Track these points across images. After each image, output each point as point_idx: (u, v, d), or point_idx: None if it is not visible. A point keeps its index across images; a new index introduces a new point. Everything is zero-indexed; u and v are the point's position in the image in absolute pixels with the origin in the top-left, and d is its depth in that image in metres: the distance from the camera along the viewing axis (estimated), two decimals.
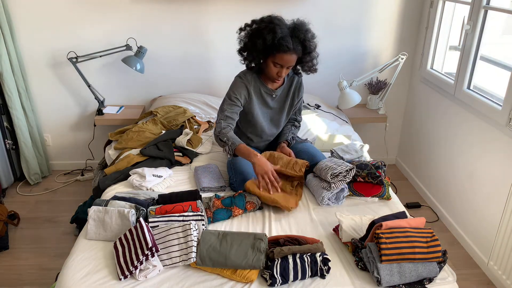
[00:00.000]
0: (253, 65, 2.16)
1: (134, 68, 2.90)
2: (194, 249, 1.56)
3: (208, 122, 2.84)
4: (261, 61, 2.14)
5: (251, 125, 2.29)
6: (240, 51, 2.15)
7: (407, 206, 3.03)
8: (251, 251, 1.56)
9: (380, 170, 2.05)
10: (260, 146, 2.40)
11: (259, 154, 2.02)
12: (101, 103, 3.14)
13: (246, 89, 2.17)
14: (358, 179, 2.08)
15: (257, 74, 2.21)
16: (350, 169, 2.01)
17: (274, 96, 2.25)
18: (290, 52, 2.01)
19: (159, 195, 1.90)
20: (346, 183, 2.03)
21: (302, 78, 2.32)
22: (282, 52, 2.00)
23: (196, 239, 1.59)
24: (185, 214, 1.73)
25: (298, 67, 2.20)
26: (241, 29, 2.12)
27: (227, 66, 3.21)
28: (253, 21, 2.08)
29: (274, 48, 2.01)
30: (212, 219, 1.85)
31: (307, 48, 2.07)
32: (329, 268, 1.55)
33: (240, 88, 2.16)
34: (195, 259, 1.55)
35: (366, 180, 2.07)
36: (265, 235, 1.64)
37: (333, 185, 1.98)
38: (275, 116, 2.32)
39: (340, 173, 1.99)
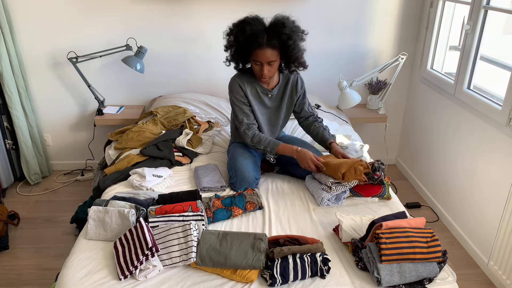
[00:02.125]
0: (240, 66, 2.19)
1: (134, 68, 2.90)
2: (194, 249, 1.56)
3: (208, 122, 2.84)
4: (249, 63, 2.17)
5: None
6: (226, 57, 2.19)
7: (407, 206, 3.03)
8: (251, 251, 1.56)
9: (378, 172, 2.04)
10: None
11: (299, 148, 2.09)
12: (101, 103, 3.14)
13: (241, 88, 2.19)
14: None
15: (252, 74, 2.22)
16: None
17: (270, 95, 2.25)
18: (263, 47, 1.99)
19: (159, 195, 1.90)
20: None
21: (299, 75, 2.29)
22: (256, 48, 2.01)
23: (196, 239, 1.59)
24: (185, 214, 1.73)
25: (289, 63, 2.16)
26: (227, 35, 2.14)
27: (227, 66, 3.20)
28: (232, 24, 2.11)
29: (249, 46, 2.02)
30: (212, 219, 1.85)
31: (284, 42, 2.02)
32: (329, 268, 1.55)
33: (237, 90, 2.19)
34: (195, 259, 1.55)
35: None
36: (265, 235, 1.64)
37: (334, 187, 1.98)
38: (272, 115, 2.31)
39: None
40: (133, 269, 1.51)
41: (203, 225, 1.71)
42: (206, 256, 1.56)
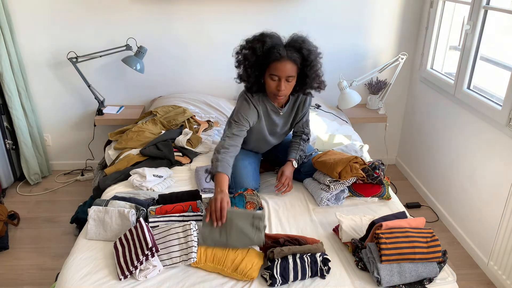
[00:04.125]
0: (250, 85, 2.02)
1: (134, 68, 2.90)
2: (195, 249, 1.56)
3: (208, 121, 2.84)
4: (261, 80, 2.01)
5: (253, 135, 2.20)
6: (238, 74, 2.03)
7: (407, 206, 3.03)
8: (251, 229, 1.59)
9: (378, 171, 2.04)
10: (260, 151, 2.39)
11: (219, 191, 1.73)
12: (101, 103, 3.14)
13: (256, 112, 2.06)
14: (357, 181, 2.07)
15: (263, 92, 2.07)
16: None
17: (281, 114, 2.16)
18: (284, 60, 1.87)
19: (159, 195, 1.90)
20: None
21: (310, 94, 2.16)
22: (275, 61, 1.88)
23: (196, 239, 1.59)
24: (185, 214, 1.73)
25: (306, 83, 2.01)
26: (237, 53, 2.00)
27: (227, 66, 3.21)
28: (246, 40, 1.98)
29: (267, 58, 1.90)
30: None
31: (305, 57, 1.92)
32: (329, 268, 1.55)
33: (251, 113, 2.03)
34: (195, 259, 1.56)
35: (365, 181, 2.07)
36: (263, 214, 1.67)
37: (332, 186, 1.98)
38: (278, 130, 2.23)
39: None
40: (133, 269, 1.51)
41: None
42: (209, 236, 1.59)
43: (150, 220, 1.71)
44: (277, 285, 1.50)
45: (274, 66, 1.89)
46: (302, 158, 2.24)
